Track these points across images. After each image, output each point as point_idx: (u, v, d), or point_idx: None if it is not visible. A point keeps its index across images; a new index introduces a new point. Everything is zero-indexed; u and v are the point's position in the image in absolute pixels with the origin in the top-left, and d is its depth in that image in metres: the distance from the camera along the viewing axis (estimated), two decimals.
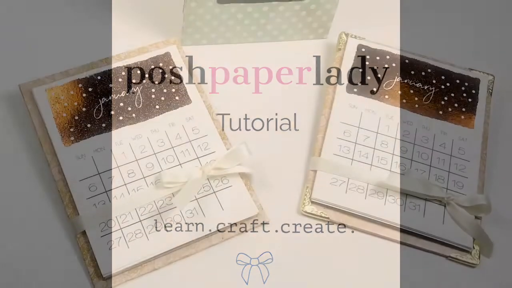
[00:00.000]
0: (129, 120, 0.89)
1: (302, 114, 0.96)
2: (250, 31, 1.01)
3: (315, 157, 0.90)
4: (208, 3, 0.95)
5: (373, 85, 0.96)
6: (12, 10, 1.02)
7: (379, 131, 0.92)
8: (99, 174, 0.84)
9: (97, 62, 0.93)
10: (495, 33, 1.11)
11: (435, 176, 0.89)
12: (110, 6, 1.04)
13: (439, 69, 0.99)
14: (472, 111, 0.96)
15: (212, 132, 0.90)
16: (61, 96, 0.89)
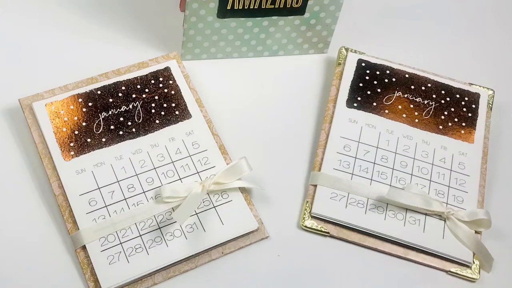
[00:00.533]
0: (129, 134, 0.90)
1: (302, 129, 0.98)
2: (250, 45, 1.03)
3: (315, 172, 0.91)
4: (208, 17, 0.97)
5: (373, 99, 0.98)
6: (12, 24, 1.03)
7: (379, 145, 0.94)
8: (99, 188, 0.86)
9: (97, 76, 0.95)
10: (495, 47, 1.13)
11: (435, 190, 0.91)
12: (110, 21, 1.06)
13: (439, 84, 1.01)
14: (472, 126, 0.97)
15: (212, 147, 0.91)
16: (61, 110, 0.91)
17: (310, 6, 0.99)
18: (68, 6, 1.06)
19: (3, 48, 1.01)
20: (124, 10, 1.07)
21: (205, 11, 0.96)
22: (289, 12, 0.99)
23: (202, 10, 0.95)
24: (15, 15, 1.04)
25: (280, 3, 0.98)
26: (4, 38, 1.02)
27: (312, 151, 0.96)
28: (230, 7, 0.96)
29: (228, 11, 0.97)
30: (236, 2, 0.96)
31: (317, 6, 0.99)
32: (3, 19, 1.04)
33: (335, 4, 1.00)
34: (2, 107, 0.94)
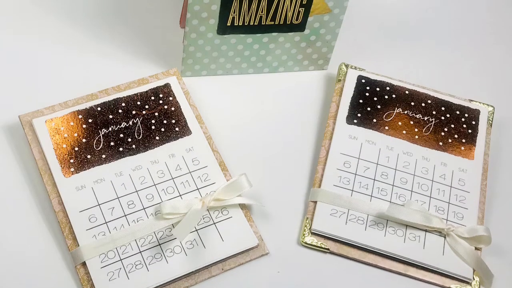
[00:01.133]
0: (129, 151, 0.92)
1: (302, 145, 1.00)
2: (250, 62, 1.05)
3: (315, 188, 0.93)
4: (208, 34, 0.99)
5: (373, 116, 1.00)
6: (12, 41, 1.05)
7: (379, 162, 0.96)
8: (99, 205, 0.87)
9: (97, 93, 0.97)
10: (495, 64, 1.15)
11: (435, 207, 0.92)
12: (110, 37, 1.08)
13: (439, 100, 1.03)
14: (472, 142, 0.99)
15: (212, 163, 0.93)
16: (61, 127, 0.92)
17: (310, 23, 1.01)
18: (68, 22, 1.08)
19: (3, 64, 1.02)
20: (124, 27, 1.09)
21: (205, 28, 0.98)
22: (289, 28, 1.01)
23: (202, 27, 0.97)
24: (15, 32, 1.06)
25: (280, 20, 1.00)
26: (4, 54, 1.04)
27: (312, 168, 0.97)
28: (230, 24, 0.98)
29: (228, 27, 0.99)
30: (236, 19, 0.98)
31: (317, 22, 1.01)
32: (3, 35, 1.06)
33: (335, 21, 1.02)
34: (2, 123, 0.96)
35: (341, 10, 1.01)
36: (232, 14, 0.97)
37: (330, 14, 1.01)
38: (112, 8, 1.12)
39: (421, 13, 1.21)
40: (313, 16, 1.01)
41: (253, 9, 0.97)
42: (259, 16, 0.98)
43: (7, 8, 1.09)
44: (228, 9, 0.96)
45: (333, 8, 1.00)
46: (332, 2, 0.99)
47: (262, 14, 0.98)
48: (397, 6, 1.21)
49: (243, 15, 0.98)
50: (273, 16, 0.99)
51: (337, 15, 1.01)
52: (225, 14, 0.97)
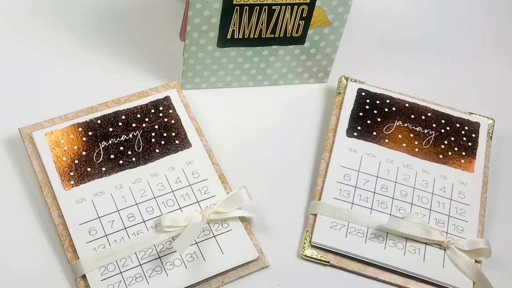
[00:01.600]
0: (129, 164, 0.93)
1: (302, 158, 1.01)
2: (250, 75, 1.06)
3: (315, 201, 0.94)
4: (208, 47, 1.00)
5: (373, 129, 1.01)
6: (12, 54, 1.07)
7: (379, 175, 0.97)
8: (99, 218, 0.89)
9: (97, 106, 0.98)
10: (495, 77, 1.17)
11: (435, 220, 0.94)
12: (110, 50, 1.09)
13: (439, 113, 1.04)
14: (472, 155, 1.00)
15: (212, 176, 0.94)
16: (61, 140, 0.94)
17: (310, 36, 1.03)
18: (68, 35, 1.10)
19: (3, 77, 1.04)
20: (124, 40, 1.11)
21: (205, 41, 0.99)
22: (289, 41, 1.03)
23: (202, 40, 0.99)
24: (15, 45, 1.08)
25: (280, 33, 1.01)
26: (4, 67, 1.05)
27: (312, 180, 0.99)
28: (230, 37, 1.00)
29: (228, 40, 1.00)
30: (236, 32, 0.99)
31: (317, 35, 1.03)
32: (2, 48, 1.07)
33: (335, 34, 1.03)
34: (2, 136, 0.97)
35: (341, 23, 1.02)
36: (232, 27, 0.99)
37: (330, 27, 1.02)
38: (112, 21, 1.13)
39: (421, 26, 1.22)
40: (313, 29, 1.02)
41: (253, 22, 0.99)
42: (259, 29, 1.00)
43: (7, 21, 1.10)
44: (228, 22, 0.98)
45: (333, 21, 1.01)
46: (332, 15, 1.01)
47: (262, 27, 1.00)
48: (397, 19, 1.22)
49: (243, 28, 0.99)
50: (273, 29, 1.00)
51: (337, 28, 1.03)
52: (225, 27, 0.98)
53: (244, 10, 0.97)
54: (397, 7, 1.24)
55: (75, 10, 1.13)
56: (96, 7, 1.14)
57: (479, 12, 1.27)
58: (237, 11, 0.97)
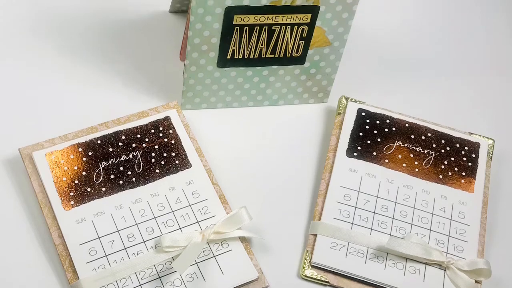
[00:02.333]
0: (129, 184, 0.95)
1: (302, 178, 1.02)
2: (250, 95, 1.08)
3: (315, 221, 0.96)
4: (208, 67, 1.02)
5: (373, 149, 1.03)
6: (11, 74, 1.08)
7: (379, 195, 0.98)
8: (99, 238, 0.90)
9: (97, 126, 0.99)
10: (495, 97, 1.18)
11: (435, 240, 0.95)
12: (109, 70, 1.11)
13: (439, 133, 1.05)
14: (472, 175, 1.02)
15: (212, 196, 0.96)
16: (61, 160, 0.95)
17: (310, 56, 1.04)
18: (68, 55, 1.12)
19: (3, 97, 1.05)
20: (124, 60, 1.12)
21: (205, 61, 1.01)
22: (289, 61, 1.04)
23: (202, 60, 1.00)
24: (15, 65, 1.09)
25: (280, 53, 1.03)
26: (4, 87, 1.06)
27: (312, 201, 1.00)
28: (230, 57, 1.01)
29: (228, 60, 1.02)
30: (236, 52, 1.01)
31: (317, 55, 1.04)
32: (2, 68, 1.09)
33: (335, 54, 1.05)
34: (2, 156, 0.98)
35: (341, 43, 1.04)
36: (232, 47, 1.00)
37: (330, 47, 1.04)
38: (112, 40, 1.15)
39: (421, 46, 1.25)
40: (313, 49, 1.04)
41: (253, 42, 1.00)
42: (259, 49, 1.02)
43: (8, 41, 1.12)
44: (228, 42, 0.99)
45: (333, 41, 1.03)
46: (332, 35, 1.02)
47: (262, 47, 1.01)
48: (397, 39, 1.24)
49: (243, 48, 1.01)
50: (273, 49, 1.02)
51: (337, 48, 1.04)
52: (225, 47, 1.00)
53: (244, 30, 0.99)
54: (397, 27, 1.26)
55: (74, 30, 1.15)
56: (96, 27, 1.16)
57: (479, 32, 1.29)
58: (237, 31, 0.99)
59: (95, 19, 1.17)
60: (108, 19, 1.18)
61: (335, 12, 1.00)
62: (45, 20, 1.16)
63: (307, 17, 1.00)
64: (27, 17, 1.16)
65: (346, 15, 1.00)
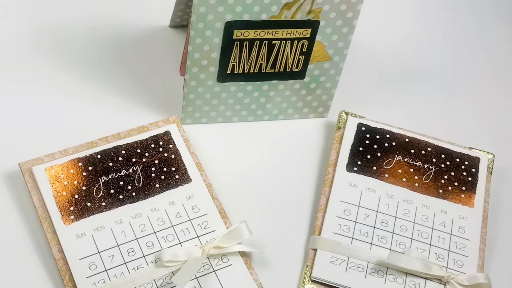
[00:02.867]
0: (129, 198, 0.95)
1: (302, 193, 1.03)
2: (250, 109, 1.09)
3: (315, 236, 0.96)
4: (208, 81, 1.02)
5: (373, 163, 1.04)
6: (11, 89, 1.09)
7: (379, 209, 0.99)
8: (99, 252, 0.90)
9: (97, 140, 1.00)
10: (495, 112, 1.20)
11: (435, 254, 0.96)
12: (109, 84, 1.12)
13: (439, 148, 1.06)
14: (472, 190, 1.03)
15: (212, 211, 0.96)
16: (61, 174, 0.96)
17: (310, 70, 1.05)
18: (67, 70, 1.13)
19: (3, 112, 1.06)
20: (123, 74, 1.13)
21: (205, 75, 1.02)
22: (289, 76, 1.05)
23: (202, 74, 1.01)
24: (15, 80, 1.10)
25: (280, 67, 1.04)
26: (4, 102, 1.07)
27: (312, 215, 1.01)
28: (230, 71, 1.02)
29: (228, 75, 1.03)
30: (236, 66, 1.02)
31: (317, 70, 1.05)
32: (2, 84, 1.10)
33: (335, 68, 1.06)
34: (2, 171, 0.99)
35: (341, 57, 1.05)
36: (232, 61, 1.01)
37: (330, 62, 1.05)
38: (112, 55, 1.16)
39: (421, 60, 1.26)
40: (313, 63, 1.05)
41: (253, 56, 1.01)
42: (259, 64, 1.03)
43: (8, 57, 1.13)
44: (228, 56, 1.00)
45: (333, 56, 1.04)
46: (332, 50, 1.03)
47: (262, 61, 1.02)
48: (397, 54, 1.26)
49: (243, 62, 1.02)
50: (273, 64, 1.03)
51: (337, 63, 1.05)
52: (225, 61, 1.01)
53: (244, 45, 1.00)
54: (397, 42, 1.28)
55: (74, 46, 1.17)
56: (95, 42, 1.18)
57: (479, 47, 1.31)
58: (237, 46, 1.00)
59: (95, 34, 1.19)
60: (108, 34, 1.19)
61: (335, 27, 1.01)
62: (45, 36, 1.17)
63: (307, 32, 1.01)
64: (27, 33, 1.17)
65: (346, 30, 1.02)
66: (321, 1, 0.97)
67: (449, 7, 1.37)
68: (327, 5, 0.98)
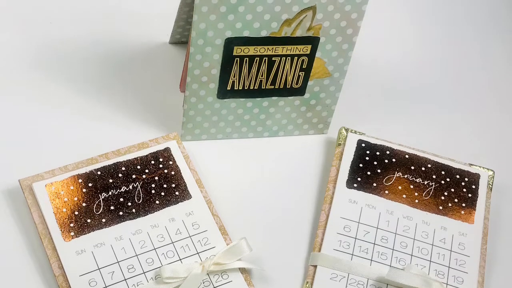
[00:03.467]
0: (129, 215, 0.96)
1: (302, 209, 1.04)
2: (250, 126, 1.10)
3: (315, 253, 0.97)
4: (208, 98, 1.03)
5: (373, 180, 1.05)
6: (11, 105, 1.10)
7: (379, 226, 1.00)
8: (99, 269, 0.91)
9: (97, 157, 1.01)
10: (495, 128, 1.21)
11: (435, 271, 0.96)
12: (109, 101, 1.13)
13: (439, 164, 1.07)
14: (472, 207, 1.04)
15: (212, 227, 0.97)
16: (61, 191, 0.96)
17: (310, 87, 1.06)
18: (68, 86, 1.14)
19: (3, 128, 1.07)
20: (123, 91, 1.15)
21: (205, 92, 1.03)
22: (289, 92, 1.06)
23: (202, 91, 1.02)
24: (15, 96, 1.11)
25: (280, 84, 1.05)
26: (5, 118, 1.08)
27: (312, 232, 1.01)
28: (230, 88, 1.03)
29: (228, 91, 1.04)
30: (236, 83, 1.03)
31: (317, 86, 1.06)
32: (3, 100, 1.11)
33: (335, 85, 1.07)
34: (2, 187, 0.99)
35: (341, 74, 1.06)
36: (232, 78, 1.02)
37: (330, 78, 1.06)
38: (112, 72, 1.17)
39: (421, 77, 1.27)
40: (313, 80, 1.06)
41: (253, 73, 1.03)
42: (259, 80, 1.04)
43: (8, 74, 1.14)
44: (228, 73, 1.01)
45: (333, 72, 1.05)
46: (332, 66, 1.04)
47: (262, 78, 1.03)
48: (397, 70, 1.27)
49: (243, 79, 1.03)
50: (273, 80, 1.04)
51: (337, 79, 1.06)
52: (225, 78, 1.02)
53: (244, 62, 1.01)
54: (397, 58, 1.29)
55: (74, 62, 1.18)
56: (96, 58, 1.19)
57: (479, 63, 1.32)
58: (237, 63, 1.01)
59: (95, 51, 1.20)
60: (108, 51, 1.20)
61: (335, 43, 1.02)
62: (45, 52, 1.19)
63: (307, 48, 1.02)
64: (27, 49, 1.18)
65: (346, 46, 1.03)
66: (321, 17, 0.98)
67: (449, 24, 1.39)
68: (327, 21, 0.99)
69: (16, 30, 1.21)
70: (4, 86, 1.13)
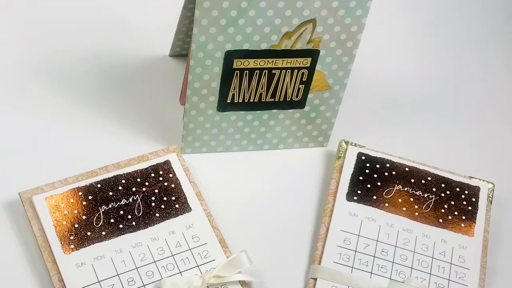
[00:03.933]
0: (129, 228, 0.97)
1: (302, 222, 1.05)
2: (250, 139, 1.10)
3: (315, 265, 0.97)
4: (208, 111, 1.04)
5: (373, 193, 1.05)
6: (11, 118, 1.11)
7: (379, 239, 1.01)
8: (99, 282, 0.91)
9: (97, 170, 1.02)
10: (495, 141, 1.21)
11: (435, 284, 0.97)
12: (109, 114, 1.14)
13: (439, 177, 1.08)
14: (472, 219, 1.04)
15: (212, 240, 0.98)
16: (61, 204, 0.97)
17: (310, 100, 1.07)
18: (68, 99, 1.15)
19: (3, 140, 1.08)
20: (124, 104, 1.15)
21: (205, 105, 1.03)
22: (289, 105, 1.07)
23: (202, 104, 1.03)
24: (15, 108, 1.12)
25: (280, 97, 1.06)
26: (4, 131, 1.09)
27: (312, 244, 1.02)
28: (230, 101, 1.04)
29: (228, 104, 1.04)
30: (236, 96, 1.04)
31: (317, 99, 1.07)
32: (3, 112, 1.11)
33: (335, 98, 1.08)
34: (2, 200, 1.00)
35: (341, 87, 1.07)
36: (232, 91, 1.03)
37: (330, 91, 1.07)
38: (112, 85, 1.18)
39: (421, 90, 1.28)
40: (313, 93, 1.06)
41: (253, 86, 1.03)
42: (259, 93, 1.04)
43: (8, 86, 1.15)
44: (228, 86, 1.02)
45: (333, 85, 1.06)
46: (332, 79, 1.05)
47: (262, 91, 1.04)
48: (397, 83, 1.28)
49: (243, 92, 1.04)
50: (273, 93, 1.05)
51: (337, 92, 1.07)
52: (225, 91, 1.03)
53: (244, 74, 1.02)
54: (397, 71, 1.30)
55: (74, 75, 1.18)
56: (96, 71, 1.19)
57: (479, 76, 1.33)
58: (237, 75, 1.01)
59: (95, 63, 1.21)
60: (108, 63, 1.21)
61: (335, 56, 1.03)
62: (45, 64, 1.19)
63: (307, 61, 1.03)
64: (27, 61, 1.19)
65: (346, 59, 1.04)
66: (321, 30, 0.99)
67: (449, 36, 1.40)
68: (327, 34, 1.00)
69: (16, 42, 1.22)
70: (4, 98, 1.14)
